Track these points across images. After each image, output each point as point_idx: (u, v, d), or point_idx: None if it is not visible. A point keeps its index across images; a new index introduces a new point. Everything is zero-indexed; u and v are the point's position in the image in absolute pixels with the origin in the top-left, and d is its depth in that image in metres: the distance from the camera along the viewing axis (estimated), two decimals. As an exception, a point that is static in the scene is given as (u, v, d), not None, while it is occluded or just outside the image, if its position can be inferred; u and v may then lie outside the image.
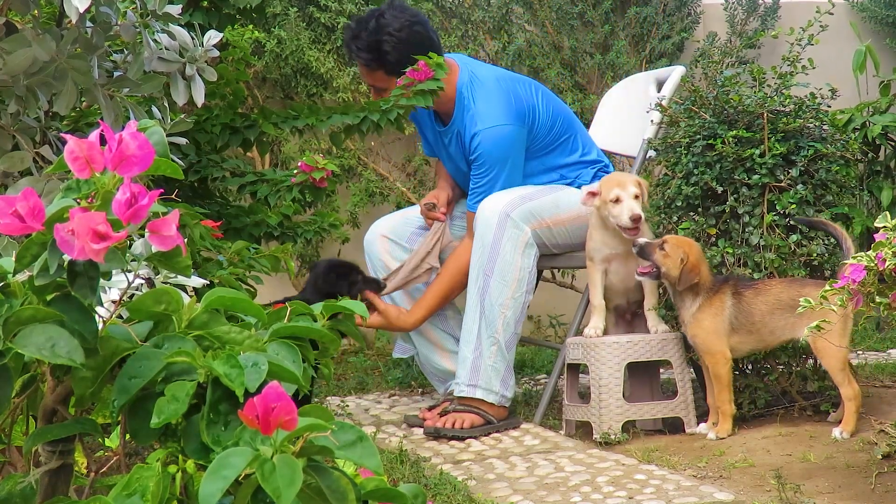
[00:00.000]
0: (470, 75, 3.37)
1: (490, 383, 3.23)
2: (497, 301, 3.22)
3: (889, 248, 2.06)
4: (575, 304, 4.03)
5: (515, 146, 3.32)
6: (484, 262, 3.23)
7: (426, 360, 3.54)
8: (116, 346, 1.04)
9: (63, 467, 1.09)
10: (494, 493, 2.57)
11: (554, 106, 3.45)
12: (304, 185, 3.03)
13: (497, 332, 3.22)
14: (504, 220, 3.22)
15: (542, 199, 3.34)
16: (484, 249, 3.23)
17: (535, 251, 3.27)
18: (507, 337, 3.24)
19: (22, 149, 2.14)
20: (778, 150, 3.07)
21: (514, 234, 3.22)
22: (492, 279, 3.22)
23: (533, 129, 3.37)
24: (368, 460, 0.96)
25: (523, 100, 3.34)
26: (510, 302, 3.23)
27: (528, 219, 3.26)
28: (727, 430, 2.96)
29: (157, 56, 2.29)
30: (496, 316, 3.22)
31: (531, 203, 3.30)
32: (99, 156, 1.00)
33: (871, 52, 5.01)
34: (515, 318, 3.25)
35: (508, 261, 3.22)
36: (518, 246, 3.23)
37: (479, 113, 3.30)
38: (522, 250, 3.24)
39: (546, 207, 3.33)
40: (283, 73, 4.72)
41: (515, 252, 3.23)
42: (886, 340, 4.26)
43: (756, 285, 2.97)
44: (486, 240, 3.23)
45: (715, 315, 2.97)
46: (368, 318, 3.15)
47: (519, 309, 3.25)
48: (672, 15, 5.30)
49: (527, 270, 3.25)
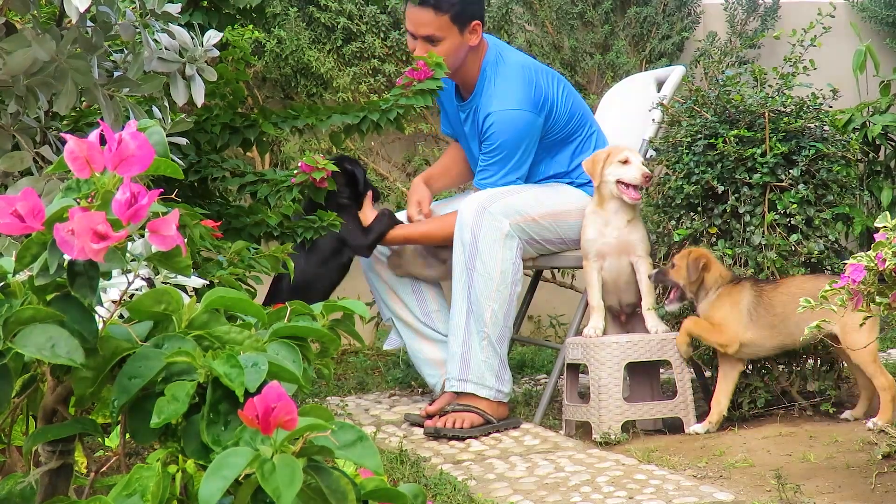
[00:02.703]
0: (497, 56, 3.41)
1: (482, 377, 3.22)
2: (482, 294, 3.22)
3: (889, 248, 2.06)
4: (575, 304, 4.03)
5: (528, 133, 3.34)
6: (466, 258, 3.24)
7: (414, 350, 3.57)
8: (116, 346, 1.04)
9: (63, 467, 1.09)
10: (494, 493, 2.57)
11: (574, 102, 3.47)
12: (304, 185, 3.03)
13: (486, 325, 3.22)
14: (481, 214, 3.24)
15: (523, 195, 3.36)
16: (464, 246, 3.25)
17: (517, 243, 3.27)
18: (497, 331, 3.24)
19: (22, 149, 2.14)
20: (779, 149, 3.07)
21: (493, 227, 3.23)
22: (475, 273, 3.23)
23: (548, 120, 3.39)
24: (368, 460, 0.96)
25: (543, 90, 3.36)
26: (495, 294, 3.23)
27: (508, 213, 3.27)
28: (715, 423, 3.02)
29: (156, 56, 2.29)
30: (483, 309, 3.22)
31: (510, 198, 3.32)
32: (99, 156, 1.00)
33: (872, 52, 5.01)
34: (503, 311, 3.24)
35: (489, 253, 3.22)
36: (498, 238, 3.23)
37: (497, 94, 3.34)
38: (503, 242, 3.24)
39: (527, 202, 3.35)
40: (283, 73, 4.72)
41: (496, 244, 3.23)
42: (887, 340, 4.26)
43: (777, 281, 2.99)
44: (466, 237, 3.25)
45: (732, 304, 2.98)
46: None
47: (505, 302, 3.24)
48: (672, 15, 5.30)
49: (510, 262, 3.25)
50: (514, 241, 3.27)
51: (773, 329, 2.95)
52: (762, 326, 2.96)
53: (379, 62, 4.75)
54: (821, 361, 3.20)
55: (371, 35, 4.75)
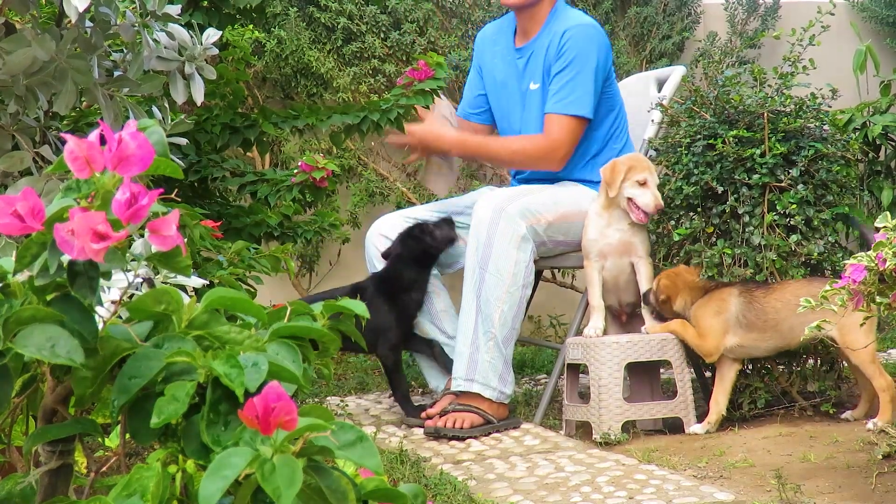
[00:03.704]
0: (565, 7, 3.49)
1: (487, 378, 3.22)
2: (493, 295, 3.21)
3: (889, 248, 2.06)
4: (575, 304, 4.03)
5: (603, 55, 3.38)
6: (479, 258, 3.23)
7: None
8: (116, 346, 1.04)
9: (63, 467, 1.09)
10: (494, 493, 2.57)
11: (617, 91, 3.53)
12: (304, 185, 3.03)
13: (493, 326, 3.21)
14: (498, 215, 3.23)
15: (540, 195, 3.35)
16: (479, 245, 3.23)
17: (531, 246, 3.26)
18: (504, 332, 3.23)
19: (22, 149, 2.14)
20: (778, 149, 3.07)
21: (509, 229, 3.22)
22: (487, 273, 3.22)
23: (606, 81, 3.43)
24: (368, 460, 0.96)
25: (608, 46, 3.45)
26: (506, 296, 3.22)
27: (525, 214, 3.26)
28: (714, 423, 3.03)
29: (155, 55, 2.29)
30: (492, 310, 3.21)
31: (527, 198, 3.31)
32: (99, 156, 1.00)
33: (872, 52, 5.00)
34: (512, 314, 3.24)
35: (503, 255, 3.21)
36: (513, 240, 3.22)
37: (570, 19, 3.41)
38: (518, 244, 3.23)
39: (544, 204, 3.33)
40: (283, 73, 4.72)
41: (510, 246, 3.22)
42: (886, 340, 4.26)
43: (769, 285, 2.98)
44: (481, 236, 3.23)
45: (716, 313, 2.99)
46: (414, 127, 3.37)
47: (515, 304, 3.24)
48: (672, 15, 5.29)
49: (523, 265, 3.24)
50: (529, 243, 3.25)
51: (764, 333, 2.96)
52: (753, 330, 2.97)
53: (379, 62, 4.75)
54: (821, 362, 3.20)
55: (371, 35, 4.75)
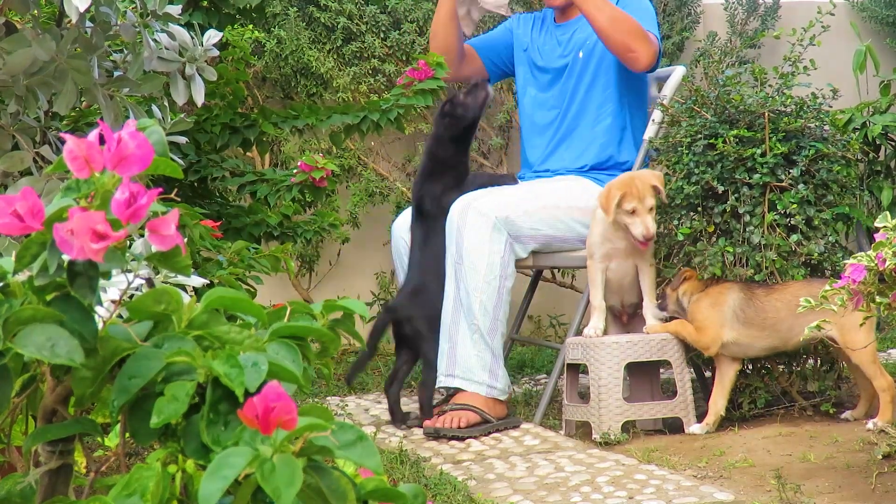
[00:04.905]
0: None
1: (469, 372, 3.21)
2: (471, 286, 3.22)
3: (889, 248, 2.06)
4: (575, 304, 4.03)
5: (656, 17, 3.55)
6: (454, 254, 3.26)
7: None
8: (116, 346, 1.04)
9: (63, 467, 1.09)
10: (494, 493, 2.57)
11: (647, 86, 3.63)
12: (303, 185, 3.03)
13: (475, 318, 3.21)
14: (465, 209, 3.26)
15: (515, 189, 3.41)
16: (452, 242, 3.27)
17: (504, 237, 3.26)
18: (487, 322, 3.23)
19: (22, 149, 2.15)
20: (779, 149, 3.07)
21: (477, 220, 3.24)
22: (462, 267, 3.24)
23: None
24: (368, 460, 0.96)
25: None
26: (483, 286, 3.22)
27: (493, 207, 3.28)
28: (712, 423, 3.03)
29: (156, 55, 2.29)
30: (472, 301, 3.22)
31: (499, 192, 3.36)
32: (98, 155, 1.00)
33: (872, 52, 5.00)
34: (493, 304, 3.23)
35: (474, 247, 3.23)
36: (482, 230, 3.23)
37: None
38: (489, 234, 3.24)
39: (517, 194, 3.38)
40: (283, 73, 4.72)
41: (480, 236, 3.23)
42: (886, 340, 4.26)
43: (770, 284, 2.99)
44: (453, 233, 3.27)
45: (714, 305, 3.01)
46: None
47: (494, 293, 3.24)
48: (672, 15, 5.29)
49: (497, 255, 3.24)
50: (502, 234, 3.26)
51: (762, 331, 2.97)
52: (751, 327, 2.97)
53: (379, 62, 4.75)
54: (821, 361, 3.20)
55: (371, 35, 4.75)
